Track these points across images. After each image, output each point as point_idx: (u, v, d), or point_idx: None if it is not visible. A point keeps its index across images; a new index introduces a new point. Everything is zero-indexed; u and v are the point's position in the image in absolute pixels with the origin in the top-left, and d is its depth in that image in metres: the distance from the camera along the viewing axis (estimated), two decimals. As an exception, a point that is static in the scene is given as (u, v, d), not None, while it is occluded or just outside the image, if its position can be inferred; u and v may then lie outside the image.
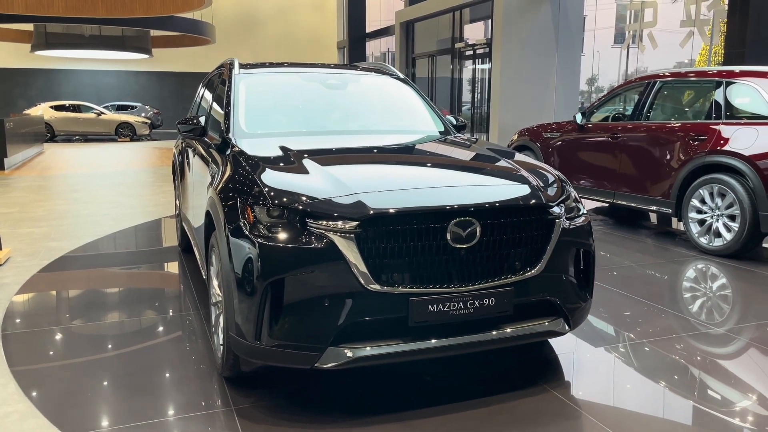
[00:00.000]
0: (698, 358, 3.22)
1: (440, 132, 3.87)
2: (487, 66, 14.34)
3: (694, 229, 5.34)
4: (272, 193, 2.49)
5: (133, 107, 25.73)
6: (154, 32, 24.39)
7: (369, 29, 22.98)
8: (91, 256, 5.34)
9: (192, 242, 4.22)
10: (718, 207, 5.13)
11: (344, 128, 3.72)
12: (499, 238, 2.51)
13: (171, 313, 3.89)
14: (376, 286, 2.35)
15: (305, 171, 2.71)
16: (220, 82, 4.11)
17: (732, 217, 5.03)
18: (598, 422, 2.50)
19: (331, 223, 2.37)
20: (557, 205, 2.69)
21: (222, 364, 2.76)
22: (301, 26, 30.14)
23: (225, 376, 2.81)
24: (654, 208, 5.80)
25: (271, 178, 2.64)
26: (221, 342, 2.75)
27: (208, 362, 3.04)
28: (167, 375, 2.97)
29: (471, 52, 15.48)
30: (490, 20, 13.77)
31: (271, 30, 29.76)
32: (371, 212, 2.37)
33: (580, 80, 13.94)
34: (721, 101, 5.30)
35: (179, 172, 5.03)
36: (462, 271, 2.47)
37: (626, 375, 3.03)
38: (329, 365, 2.38)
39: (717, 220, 5.16)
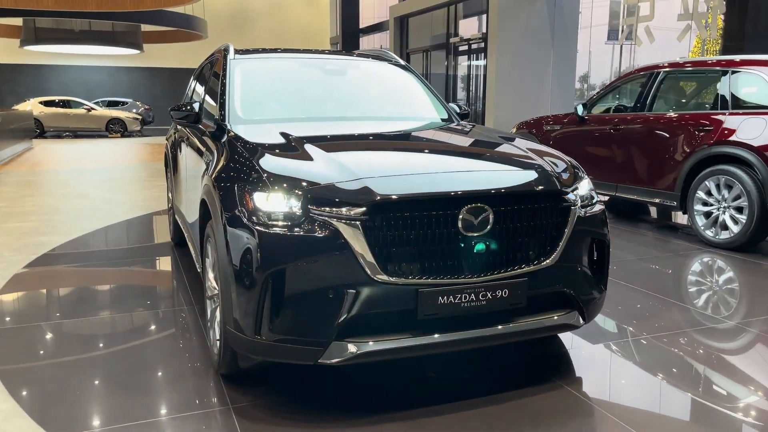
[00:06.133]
0: (710, 352, 3.11)
1: (444, 119, 3.73)
2: (482, 61, 14.20)
3: (700, 221, 5.23)
4: (272, 179, 2.35)
5: (123, 103, 25.43)
6: (145, 27, 24.12)
7: (362, 25, 22.79)
8: (81, 251, 5.18)
9: (186, 235, 4.07)
10: (725, 199, 5.03)
11: (344, 115, 3.57)
12: (512, 226, 2.38)
13: (164, 309, 3.74)
14: (383, 277, 2.21)
15: (307, 156, 2.56)
16: (214, 68, 3.95)
17: (739, 209, 4.93)
18: (617, 419, 2.37)
19: (335, 210, 2.23)
20: (572, 192, 2.56)
21: (219, 360, 2.61)
22: (294, 22, 29.90)
23: (222, 374, 2.67)
24: (658, 200, 5.68)
25: (271, 163, 2.50)
26: (218, 337, 2.60)
27: (203, 359, 2.89)
28: (160, 373, 2.82)
29: (466, 47, 15.34)
30: (485, 15, 13.63)
31: (263, 25, 29.52)
32: (378, 198, 2.23)
33: (575, 75, 13.83)
34: (727, 91, 5.19)
35: (172, 163, 4.87)
36: (474, 260, 2.33)
37: (639, 370, 2.90)
38: (334, 361, 2.24)
39: (724, 213, 5.05)
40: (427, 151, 3.02)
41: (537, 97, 12.90)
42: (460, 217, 2.29)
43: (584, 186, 2.70)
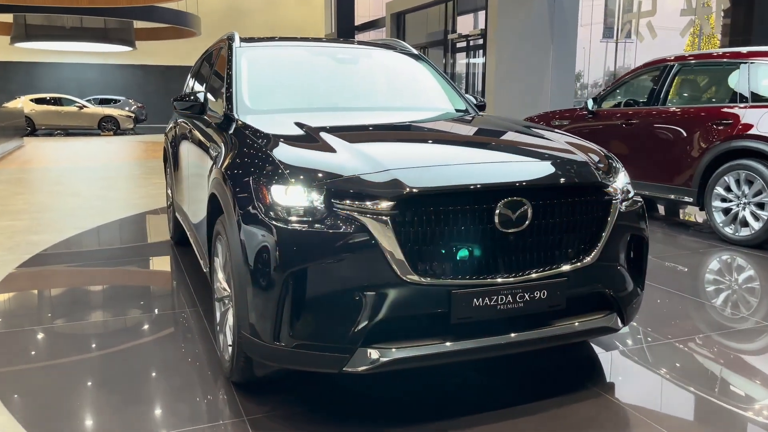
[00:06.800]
0: (745, 354, 2.94)
1: (463, 110, 3.54)
2: (480, 58, 14.05)
3: (719, 218, 5.07)
4: (290, 171, 2.15)
5: (116, 101, 25.11)
6: (137, 24, 23.83)
7: (357, 21, 22.57)
8: (76, 250, 4.96)
9: (188, 233, 3.87)
10: (745, 195, 4.87)
11: (358, 105, 3.38)
12: (552, 222, 2.20)
13: (165, 311, 3.54)
14: (414, 277, 2.03)
15: (327, 147, 2.37)
16: (218, 58, 3.75)
17: (760, 205, 4.77)
18: (661, 427, 2.19)
19: (361, 203, 2.04)
20: (611, 185, 2.39)
21: (231, 368, 2.41)
22: (288, 19, 29.69)
23: (234, 382, 2.47)
24: (673, 196, 5.52)
25: (288, 153, 2.31)
26: (230, 343, 2.41)
27: (212, 366, 2.70)
28: (166, 381, 2.62)
29: (464, 44, 15.16)
30: (483, 11, 13.47)
31: (257, 22, 29.25)
32: (408, 191, 2.04)
33: (575, 73, 13.73)
34: (746, 83, 5.03)
35: (172, 158, 4.66)
36: (511, 259, 2.15)
37: (672, 374, 2.72)
38: (360, 369, 2.05)
39: (744, 209, 4.89)
40: (454, 142, 2.82)
41: (536, 95, 12.76)
42: (497, 211, 2.10)
43: (621, 178, 2.52)
